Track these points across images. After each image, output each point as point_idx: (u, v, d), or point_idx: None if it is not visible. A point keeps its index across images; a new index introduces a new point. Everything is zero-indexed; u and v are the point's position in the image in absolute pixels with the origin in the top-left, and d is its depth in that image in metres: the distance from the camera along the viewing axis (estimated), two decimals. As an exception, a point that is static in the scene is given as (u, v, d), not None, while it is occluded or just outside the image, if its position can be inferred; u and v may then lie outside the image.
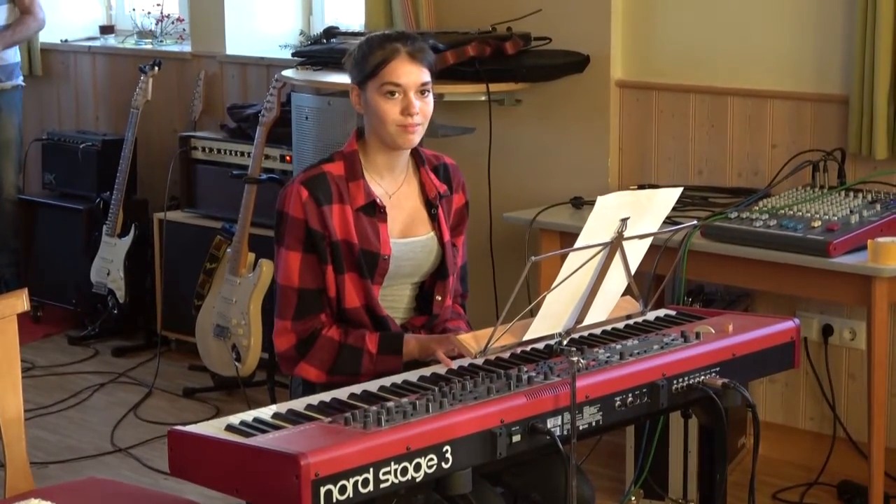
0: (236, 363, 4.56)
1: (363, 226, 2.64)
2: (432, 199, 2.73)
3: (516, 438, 2.09)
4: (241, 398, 4.47)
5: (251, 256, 4.67)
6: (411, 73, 2.59)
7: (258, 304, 4.55)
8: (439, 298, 2.72)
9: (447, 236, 2.74)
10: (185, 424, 2.16)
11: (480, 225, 4.16)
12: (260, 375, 4.60)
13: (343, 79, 3.67)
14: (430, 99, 2.67)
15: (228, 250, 4.69)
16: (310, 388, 2.61)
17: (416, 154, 2.74)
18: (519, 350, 2.44)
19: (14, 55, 6.01)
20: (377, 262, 2.65)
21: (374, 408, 2.04)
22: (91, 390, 4.89)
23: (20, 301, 2.53)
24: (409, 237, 2.70)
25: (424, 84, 2.60)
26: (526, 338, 2.38)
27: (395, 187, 2.72)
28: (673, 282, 3.59)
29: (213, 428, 2.08)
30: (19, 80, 6.01)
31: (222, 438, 2.01)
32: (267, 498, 1.96)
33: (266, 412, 2.16)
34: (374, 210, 2.65)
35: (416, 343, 2.62)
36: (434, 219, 2.73)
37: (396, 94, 2.57)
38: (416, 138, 2.65)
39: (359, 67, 2.65)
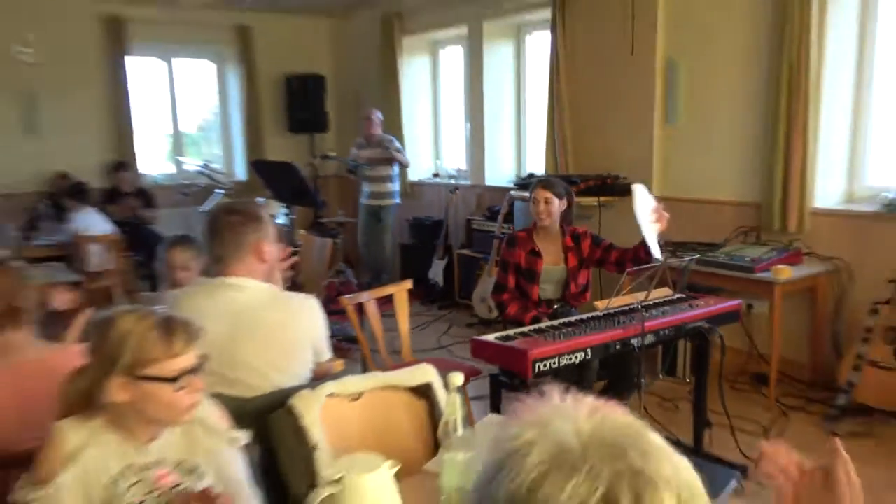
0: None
1: (530, 259, 3.44)
2: (564, 249, 3.48)
3: (618, 346, 2.72)
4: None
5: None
6: (539, 193, 3.40)
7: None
8: (568, 292, 3.44)
9: (570, 264, 3.43)
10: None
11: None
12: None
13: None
14: (555, 205, 3.39)
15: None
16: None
17: (562, 229, 3.47)
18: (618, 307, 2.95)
19: (395, 185, 6.29)
20: (535, 275, 3.42)
21: (557, 331, 2.72)
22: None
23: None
24: (553, 265, 3.46)
25: (547, 198, 3.38)
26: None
27: (550, 244, 3.48)
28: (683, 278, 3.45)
29: (492, 336, 2.71)
30: (396, 200, 6.31)
31: (494, 342, 2.65)
32: (514, 367, 2.59)
33: (511, 332, 2.72)
34: (536, 253, 3.44)
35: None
36: (565, 259, 3.47)
37: (536, 203, 3.39)
38: (547, 223, 3.41)
39: None
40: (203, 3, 6.63)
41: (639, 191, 3.05)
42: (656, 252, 3.08)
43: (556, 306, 3.41)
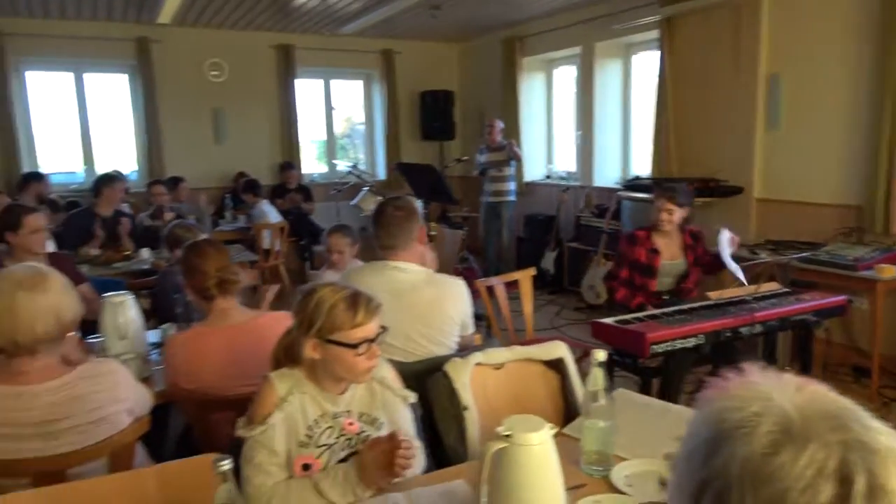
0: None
1: (650, 256, 3.25)
2: (683, 247, 3.30)
3: (728, 334, 2.66)
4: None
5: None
6: (662, 203, 3.20)
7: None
8: (684, 286, 3.27)
9: (689, 259, 3.26)
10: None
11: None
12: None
13: (639, 195, 4.60)
14: (676, 214, 3.18)
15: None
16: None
17: (682, 228, 3.30)
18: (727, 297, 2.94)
19: (512, 185, 6.09)
20: (654, 270, 3.23)
21: (671, 317, 2.70)
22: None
23: None
24: (671, 261, 3.28)
25: (669, 209, 3.19)
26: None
27: (669, 241, 3.28)
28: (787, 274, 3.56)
29: (610, 320, 2.72)
30: (512, 199, 6.09)
31: (613, 324, 2.68)
32: (630, 347, 2.58)
33: (628, 317, 2.72)
34: (655, 251, 3.24)
35: None
36: (685, 253, 3.30)
37: (658, 211, 3.21)
38: (668, 229, 3.23)
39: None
40: (358, 31, 6.82)
41: (723, 233, 3.01)
42: (741, 274, 3.03)
43: (665, 297, 3.29)
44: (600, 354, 1.57)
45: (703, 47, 5.00)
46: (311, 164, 7.81)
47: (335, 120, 7.94)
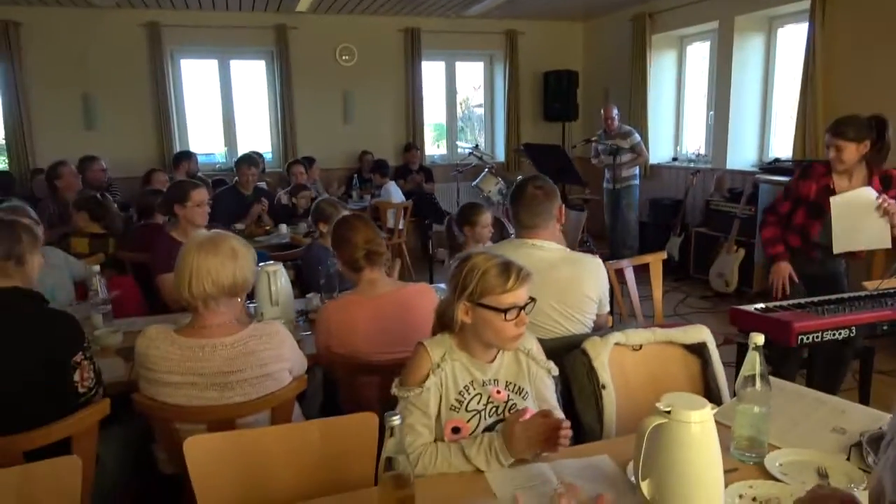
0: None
1: (821, 194, 2.93)
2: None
3: (885, 328, 2.51)
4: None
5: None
6: (829, 139, 2.87)
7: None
8: None
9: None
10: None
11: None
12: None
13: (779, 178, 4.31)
14: (848, 151, 2.81)
15: None
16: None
17: (870, 169, 2.86)
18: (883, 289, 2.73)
19: (634, 169, 6.01)
20: (821, 212, 2.91)
21: (818, 306, 2.54)
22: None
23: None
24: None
25: (837, 146, 2.83)
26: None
27: (851, 183, 2.91)
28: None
29: (752, 307, 2.56)
30: (636, 182, 6.03)
31: (755, 312, 2.56)
32: (775, 337, 2.41)
33: (770, 305, 2.61)
34: (829, 190, 2.91)
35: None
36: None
37: (828, 148, 2.86)
38: (841, 169, 2.86)
39: None
40: (483, 13, 6.84)
41: (861, 192, 2.70)
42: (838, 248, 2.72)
43: (817, 253, 2.93)
44: (758, 338, 1.52)
45: (861, 17, 4.63)
46: (430, 145, 7.92)
47: (456, 101, 8.00)
